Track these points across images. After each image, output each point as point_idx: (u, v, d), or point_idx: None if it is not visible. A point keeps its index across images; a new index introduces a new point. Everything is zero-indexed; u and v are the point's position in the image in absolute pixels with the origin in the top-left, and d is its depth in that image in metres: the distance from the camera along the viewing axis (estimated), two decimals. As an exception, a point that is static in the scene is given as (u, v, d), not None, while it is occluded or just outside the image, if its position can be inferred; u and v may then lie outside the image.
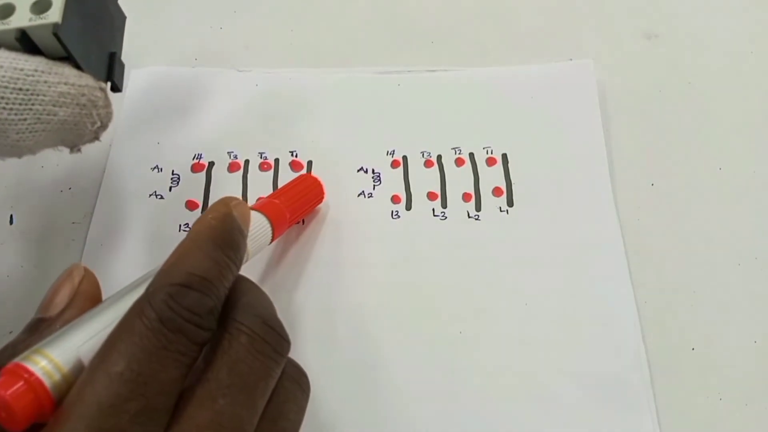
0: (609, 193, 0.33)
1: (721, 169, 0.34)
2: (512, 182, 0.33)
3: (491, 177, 0.34)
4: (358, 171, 0.34)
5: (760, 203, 0.33)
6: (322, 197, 0.32)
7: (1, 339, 0.30)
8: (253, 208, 0.27)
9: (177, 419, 0.18)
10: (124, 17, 0.28)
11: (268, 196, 0.30)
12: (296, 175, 0.34)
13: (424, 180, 0.34)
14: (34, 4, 0.22)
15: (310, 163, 0.34)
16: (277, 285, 0.31)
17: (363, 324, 0.30)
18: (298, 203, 0.30)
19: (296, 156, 0.34)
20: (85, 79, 0.23)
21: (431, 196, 0.33)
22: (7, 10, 0.22)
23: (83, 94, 0.23)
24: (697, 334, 0.30)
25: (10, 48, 0.22)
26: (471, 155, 0.34)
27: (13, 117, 0.22)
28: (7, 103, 0.21)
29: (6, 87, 0.21)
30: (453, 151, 0.34)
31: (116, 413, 0.17)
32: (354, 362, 0.29)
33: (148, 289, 0.19)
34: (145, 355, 0.18)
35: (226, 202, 0.23)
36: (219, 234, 0.21)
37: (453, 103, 0.36)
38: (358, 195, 0.33)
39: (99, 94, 0.24)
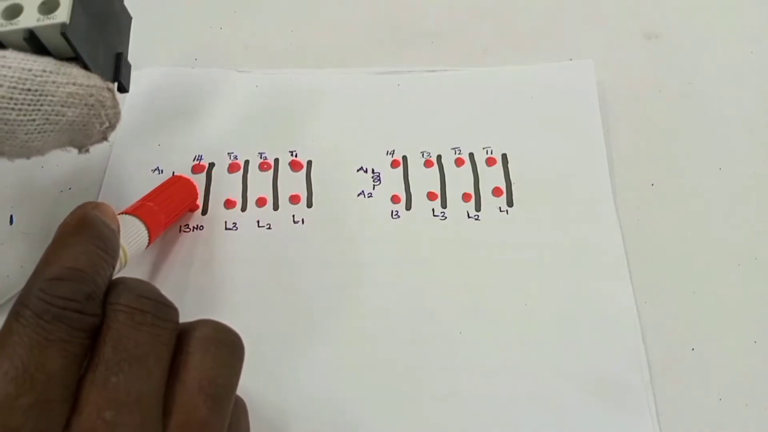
0: (609, 193, 0.33)
1: (721, 169, 0.34)
2: (512, 182, 0.33)
3: (491, 177, 0.34)
4: (358, 171, 0.34)
5: (760, 203, 0.33)
6: (196, 197, 0.33)
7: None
8: (125, 212, 0.27)
9: (76, 407, 0.18)
10: (130, 18, 0.27)
11: (140, 200, 0.30)
12: (296, 174, 0.34)
13: (424, 180, 0.34)
14: (42, 4, 0.22)
15: (309, 162, 0.34)
16: (277, 285, 0.31)
17: (363, 324, 0.30)
18: (171, 204, 0.31)
19: (296, 156, 0.34)
20: (93, 80, 0.23)
21: (431, 196, 0.33)
22: (15, 11, 0.22)
23: (91, 95, 0.23)
24: (697, 334, 0.30)
25: (18, 48, 0.22)
26: (471, 155, 0.34)
27: (21, 118, 0.22)
28: (15, 104, 0.21)
29: (14, 87, 0.21)
30: (453, 151, 0.34)
31: (8, 410, 0.17)
32: (354, 362, 0.29)
33: (20, 295, 0.19)
34: (26, 351, 0.18)
35: (83, 205, 0.23)
36: (81, 229, 0.21)
37: (453, 103, 0.36)
38: (358, 195, 0.33)
39: (107, 94, 0.24)
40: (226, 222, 0.33)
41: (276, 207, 0.33)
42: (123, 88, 0.26)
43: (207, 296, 0.31)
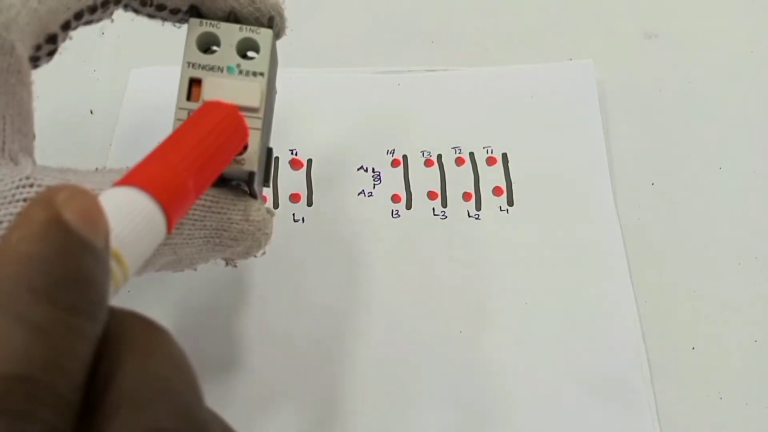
0: (609, 193, 0.33)
1: (721, 169, 0.34)
2: (512, 182, 0.33)
3: (491, 176, 0.34)
4: (358, 170, 0.34)
5: (760, 203, 0.33)
6: (245, 136, 0.21)
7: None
8: (122, 183, 0.16)
9: None
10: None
11: (152, 152, 0.18)
12: (296, 173, 0.34)
13: (424, 179, 0.34)
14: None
15: (310, 161, 0.34)
16: (276, 285, 0.31)
17: (362, 323, 0.30)
18: (205, 156, 0.18)
19: (296, 154, 0.34)
20: (262, 214, 0.22)
21: (431, 195, 0.33)
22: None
23: (259, 230, 0.22)
24: (697, 334, 0.30)
25: None
26: (471, 155, 0.34)
27: (191, 251, 0.21)
28: (190, 239, 0.20)
29: (194, 225, 0.20)
30: (453, 150, 0.34)
31: None
32: (354, 362, 0.29)
33: None
34: None
35: (47, 198, 0.13)
36: (39, 271, 0.12)
37: (453, 102, 0.36)
38: (358, 194, 0.33)
39: (270, 224, 0.23)
40: (225, 221, 0.33)
41: (276, 205, 0.33)
42: (268, 184, 0.24)
43: (206, 295, 0.31)
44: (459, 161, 0.34)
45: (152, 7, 0.22)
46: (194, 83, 0.21)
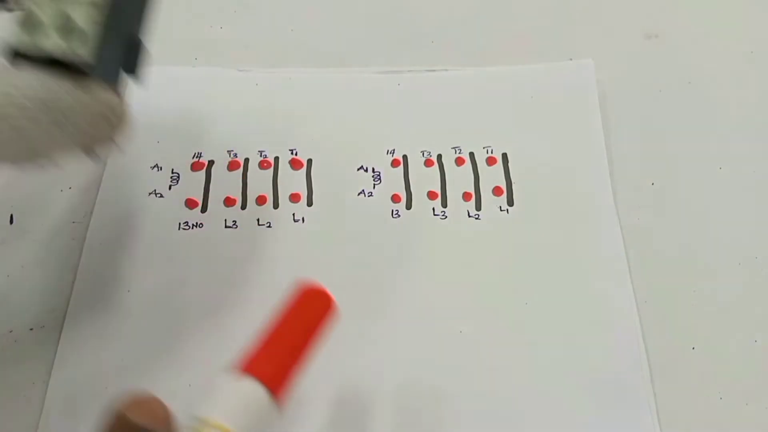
0: (609, 193, 0.33)
1: (721, 169, 0.34)
2: (512, 182, 0.33)
3: (491, 176, 0.34)
4: (359, 170, 0.34)
5: (760, 203, 0.33)
6: (332, 308, 0.24)
7: (1, 338, 0.30)
8: (240, 372, 0.20)
9: None
10: None
11: (260, 342, 0.22)
12: (296, 172, 0.34)
13: (424, 179, 0.34)
14: (61, 25, 0.21)
15: (310, 161, 0.34)
16: (276, 284, 0.31)
17: (362, 323, 0.30)
18: (305, 340, 0.22)
19: (296, 154, 0.34)
20: (112, 97, 0.23)
21: (431, 195, 0.33)
22: (36, 23, 0.21)
23: (112, 113, 0.23)
24: (697, 334, 0.30)
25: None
26: (471, 155, 0.34)
27: (41, 136, 0.22)
28: (37, 124, 0.21)
29: (38, 109, 0.21)
30: (453, 150, 0.34)
31: None
32: (353, 362, 0.29)
33: None
34: None
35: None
36: None
37: (453, 102, 0.36)
38: (358, 194, 0.33)
39: (125, 109, 0.24)
40: (225, 220, 0.33)
41: (276, 205, 0.33)
42: (132, 72, 0.24)
43: (206, 294, 0.31)
44: (459, 161, 0.34)
45: None
46: None
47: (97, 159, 0.26)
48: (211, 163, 0.34)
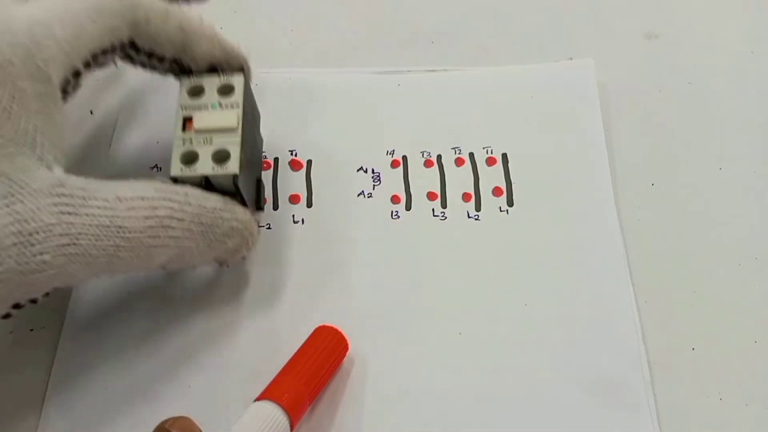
0: (609, 193, 0.33)
1: (721, 169, 0.34)
2: (512, 182, 0.33)
3: (491, 177, 0.34)
4: (358, 171, 0.34)
5: (760, 203, 0.33)
6: (346, 347, 0.29)
7: (1, 339, 0.30)
8: (264, 398, 0.25)
9: None
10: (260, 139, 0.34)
11: (282, 372, 0.27)
12: (296, 174, 0.34)
13: (424, 180, 0.34)
14: (214, 154, 0.27)
15: (309, 162, 0.34)
16: (276, 285, 0.31)
17: (361, 324, 0.30)
18: (319, 372, 0.27)
19: (296, 155, 0.34)
20: (248, 215, 0.28)
21: (431, 196, 0.33)
22: (192, 158, 0.27)
23: (246, 229, 0.27)
24: (697, 334, 0.30)
25: (192, 185, 0.26)
26: (471, 155, 0.34)
27: (192, 245, 0.26)
28: (191, 235, 0.26)
29: (193, 221, 0.25)
30: (453, 151, 0.34)
31: None
32: (353, 362, 0.29)
33: None
34: None
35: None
36: None
37: (453, 103, 0.36)
38: (358, 195, 0.33)
39: (256, 227, 0.28)
40: (225, 221, 0.33)
41: (275, 206, 0.33)
42: (260, 208, 0.32)
43: (206, 295, 0.31)
44: (459, 162, 0.34)
45: (143, 54, 0.28)
46: (187, 121, 0.28)
47: (225, 268, 0.31)
48: (210, 163, 0.34)
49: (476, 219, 0.32)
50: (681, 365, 0.29)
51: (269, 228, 0.32)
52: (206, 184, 0.27)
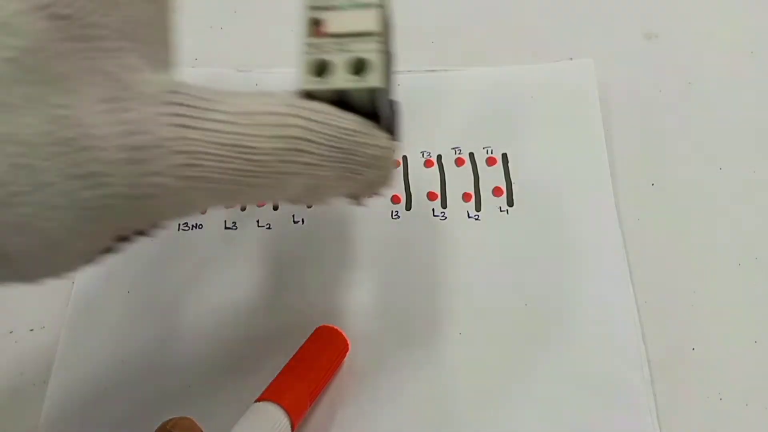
0: (609, 193, 0.33)
1: (721, 169, 0.34)
2: (512, 182, 0.33)
3: (491, 177, 0.34)
4: (358, 171, 0.34)
5: (760, 203, 0.33)
6: (346, 347, 0.29)
7: (1, 339, 0.30)
8: (265, 399, 0.25)
9: None
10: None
11: (282, 373, 0.27)
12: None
13: (424, 180, 0.34)
14: (351, 62, 0.22)
15: (309, 162, 0.34)
16: (276, 285, 0.31)
17: (361, 324, 0.30)
18: (320, 373, 0.27)
19: (296, 156, 0.34)
20: (390, 143, 0.23)
21: (431, 196, 0.33)
22: (324, 68, 0.22)
23: (388, 158, 0.22)
24: (697, 334, 0.30)
25: (323, 101, 0.22)
26: (471, 155, 0.34)
27: (327, 173, 0.21)
28: (326, 161, 0.21)
29: (331, 146, 0.21)
30: (453, 151, 0.34)
31: None
32: (353, 362, 0.29)
33: None
34: None
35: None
36: None
37: (453, 103, 0.36)
38: (358, 195, 0.33)
39: (396, 158, 0.23)
40: (225, 221, 0.33)
41: (276, 206, 0.33)
42: (396, 137, 0.25)
43: (206, 296, 0.31)
44: (459, 162, 0.34)
45: None
46: (315, 24, 0.22)
47: (360, 205, 0.25)
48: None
49: (476, 219, 0.32)
50: (681, 365, 0.29)
51: (269, 228, 0.32)
52: (339, 103, 0.22)
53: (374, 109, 0.22)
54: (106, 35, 0.18)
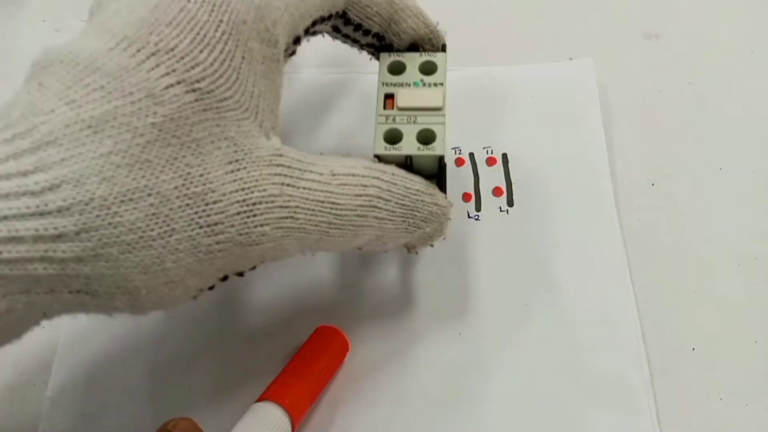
0: (609, 193, 0.33)
1: (721, 169, 0.34)
2: (512, 182, 0.33)
3: (491, 177, 0.34)
4: (358, 171, 0.34)
5: (760, 203, 0.33)
6: (346, 347, 0.29)
7: (0, 339, 0.30)
8: (265, 399, 0.25)
9: None
10: None
11: (283, 373, 0.27)
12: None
13: (424, 180, 0.34)
14: (418, 132, 0.25)
15: (309, 162, 0.34)
16: (278, 286, 0.31)
17: (361, 324, 0.30)
18: (320, 375, 0.27)
19: (296, 156, 0.34)
20: (447, 201, 0.26)
21: (431, 196, 0.33)
22: (396, 136, 0.25)
23: (444, 215, 0.26)
24: (697, 334, 0.30)
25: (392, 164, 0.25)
26: (471, 155, 0.34)
27: (392, 227, 0.24)
28: (393, 216, 0.24)
29: (397, 203, 0.24)
30: (453, 151, 0.34)
31: None
32: (353, 362, 0.29)
33: None
34: None
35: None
36: None
37: (453, 103, 0.36)
38: (358, 195, 0.33)
39: (450, 215, 0.26)
40: (225, 221, 0.33)
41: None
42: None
43: (206, 295, 0.31)
44: (459, 162, 0.34)
45: (351, 26, 0.27)
46: (388, 98, 0.26)
47: (413, 254, 0.29)
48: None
49: (476, 219, 0.32)
50: (681, 365, 0.29)
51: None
52: (407, 166, 0.26)
53: (434, 172, 0.26)
54: (233, 107, 0.21)
